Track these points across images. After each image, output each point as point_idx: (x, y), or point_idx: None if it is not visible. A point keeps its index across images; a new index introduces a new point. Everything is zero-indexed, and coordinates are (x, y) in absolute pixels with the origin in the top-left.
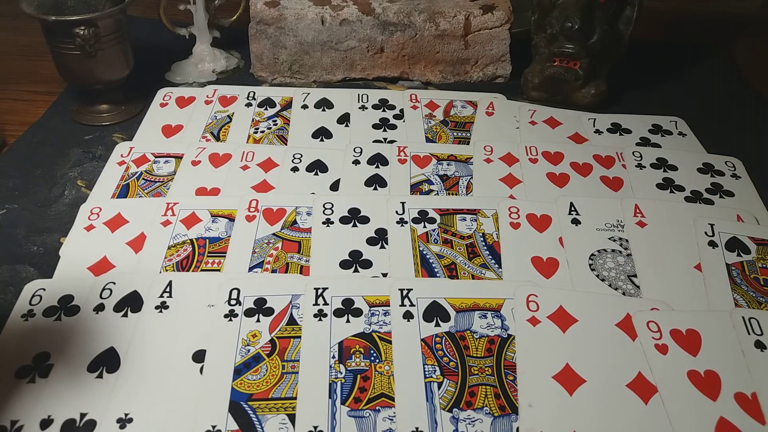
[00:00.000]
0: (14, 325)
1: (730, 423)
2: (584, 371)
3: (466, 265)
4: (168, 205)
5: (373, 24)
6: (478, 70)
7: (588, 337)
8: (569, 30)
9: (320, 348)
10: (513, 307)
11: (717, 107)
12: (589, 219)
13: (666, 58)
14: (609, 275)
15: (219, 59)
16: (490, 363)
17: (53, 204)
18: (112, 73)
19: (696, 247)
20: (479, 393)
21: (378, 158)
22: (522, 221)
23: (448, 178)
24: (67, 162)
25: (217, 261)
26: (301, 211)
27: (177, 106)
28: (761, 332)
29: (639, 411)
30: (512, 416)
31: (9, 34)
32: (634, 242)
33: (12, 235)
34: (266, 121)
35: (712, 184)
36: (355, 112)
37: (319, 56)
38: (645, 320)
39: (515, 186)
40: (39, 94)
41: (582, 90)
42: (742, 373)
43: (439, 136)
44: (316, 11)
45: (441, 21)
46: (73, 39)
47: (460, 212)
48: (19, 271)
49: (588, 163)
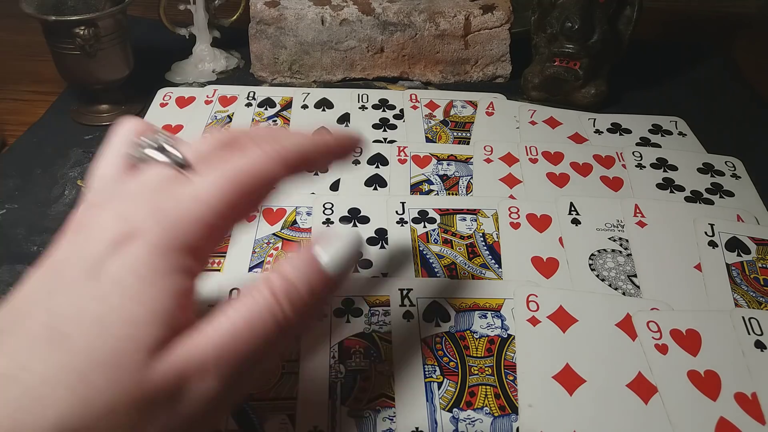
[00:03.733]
0: None
1: (730, 423)
2: (584, 371)
3: (466, 265)
4: None
5: (373, 24)
6: (478, 70)
7: (588, 337)
8: (569, 30)
9: (320, 348)
10: (513, 307)
11: (717, 107)
12: (589, 219)
13: (666, 58)
14: (609, 275)
15: (219, 59)
16: (490, 363)
17: (53, 204)
18: (112, 73)
19: (696, 247)
20: (479, 393)
21: (378, 158)
22: (522, 221)
23: (448, 178)
24: (67, 162)
25: (217, 261)
26: (301, 211)
27: (177, 106)
28: (761, 332)
29: (639, 411)
30: (512, 416)
31: (9, 34)
32: (634, 242)
33: (12, 235)
34: (266, 121)
35: (712, 184)
36: (355, 112)
37: (319, 56)
38: (645, 320)
39: (515, 186)
40: (39, 94)
41: (582, 90)
42: (742, 373)
43: (439, 136)
44: (316, 11)
45: (441, 21)
46: (73, 39)
47: (460, 212)
48: (19, 271)
49: (588, 163)
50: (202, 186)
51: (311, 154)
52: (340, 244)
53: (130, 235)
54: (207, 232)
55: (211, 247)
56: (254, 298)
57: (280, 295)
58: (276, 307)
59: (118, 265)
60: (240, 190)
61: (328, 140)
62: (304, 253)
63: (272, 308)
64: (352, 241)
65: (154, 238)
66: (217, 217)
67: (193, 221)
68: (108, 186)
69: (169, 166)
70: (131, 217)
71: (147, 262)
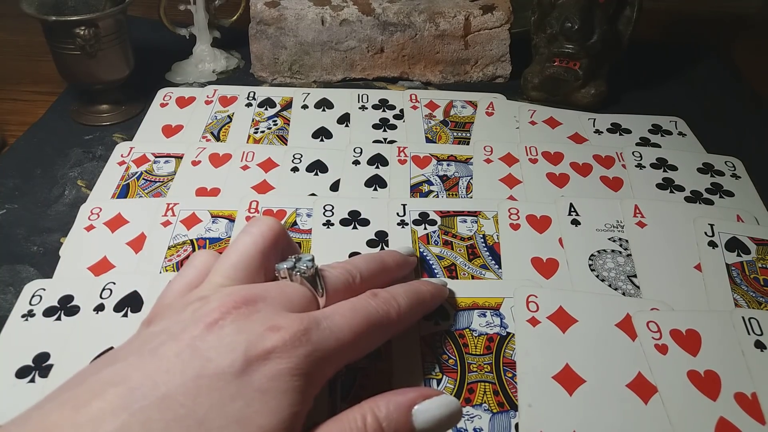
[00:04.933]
0: (14, 325)
1: (730, 423)
2: (584, 371)
3: (466, 266)
4: (168, 206)
5: (373, 24)
6: (478, 70)
7: (588, 338)
8: (569, 30)
9: None
10: (512, 306)
11: (717, 107)
12: (589, 219)
13: (666, 58)
14: (609, 275)
15: (219, 59)
16: (489, 360)
17: (53, 204)
18: (112, 73)
19: (696, 247)
20: (478, 390)
21: (378, 158)
22: (522, 222)
23: (448, 178)
24: (67, 162)
25: None
26: (302, 213)
27: (177, 106)
28: (761, 332)
29: (639, 411)
30: (511, 413)
31: (9, 34)
32: (634, 242)
33: (12, 235)
34: (266, 121)
35: (712, 184)
36: (355, 112)
37: (319, 56)
38: (645, 320)
39: (515, 186)
40: (39, 94)
41: (582, 90)
42: (742, 373)
43: (439, 136)
44: (316, 11)
45: (441, 21)
46: (73, 39)
47: (461, 214)
48: (18, 271)
49: (588, 163)
50: (340, 324)
51: (417, 308)
52: (440, 408)
53: (278, 348)
54: (332, 367)
55: (327, 377)
56: (350, 428)
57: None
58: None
59: (264, 374)
60: (366, 335)
61: (427, 296)
62: (405, 403)
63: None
64: (453, 411)
65: (298, 359)
66: (343, 355)
67: (328, 355)
68: (251, 285)
69: (308, 288)
70: (284, 332)
71: (288, 379)
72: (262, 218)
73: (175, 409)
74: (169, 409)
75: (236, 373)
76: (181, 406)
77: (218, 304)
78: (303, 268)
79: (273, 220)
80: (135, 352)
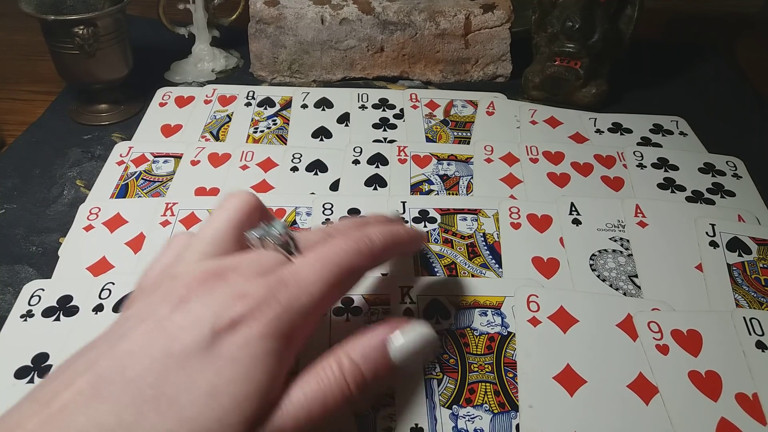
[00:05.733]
0: (13, 325)
1: (731, 423)
2: (585, 372)
3: (466, 265)
4: (167, 205)
5: (373, 23)
6: (478, 70)
7: (589, 338)
8: (570, 29)
9: (320, 347)
10: (513, 305)
11: (718, 107)
12: (590, 219)
13: (667, 57)
14: (610, 275)
15: (218, 58)
16: (490, 360)
17: (52, 204)
18: (111, 72)
19: (697, 247)
20: (479, 390)
21: (378, 158)
22: (522, 221)
23: (449, 177)
24: (66, 162)
25: None
26: (301, 211)
27: (176, 105)
28: (762, 333)
29: (640, 411)
30: (511, 413)
31: (8, 33)
32: (635, 242)
33: (11, 235)
34: (266, 120)
35: (714, 184)
36: (355, 112)
37: (319, 55)
38: (646, 320)
39: (516, 186)
40: (38, 93)
41: (583, 89)
42: (743, 373)
43: (439, 135)
44: (315, 10)
45: (441, 20)
46: (72, 38)
47: (461, 212)
48: (17, 271)
49: (589, 163)
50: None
51: (392, 246)
52: (413, 338)
53: (246, 315)
54: (309, 322)
55: (306, 333)
56: (327, 377)
57: (348, 377)
58: (344, 387)
59: (233, 342)
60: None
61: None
62: (376, 339)
63: (341, 388)
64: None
65: (268, 323)
66: (317, 308)
67: (300, 313)
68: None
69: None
70: (249, 298)
71: (259, 344)
72: (238, 192)
73: (145, 391)
74: (138, 391)
75: (204, 346)
76: (149, 387)
77: (185, 281)
78: (275, 234)
79: (248, 194)
80: (106, 338)
